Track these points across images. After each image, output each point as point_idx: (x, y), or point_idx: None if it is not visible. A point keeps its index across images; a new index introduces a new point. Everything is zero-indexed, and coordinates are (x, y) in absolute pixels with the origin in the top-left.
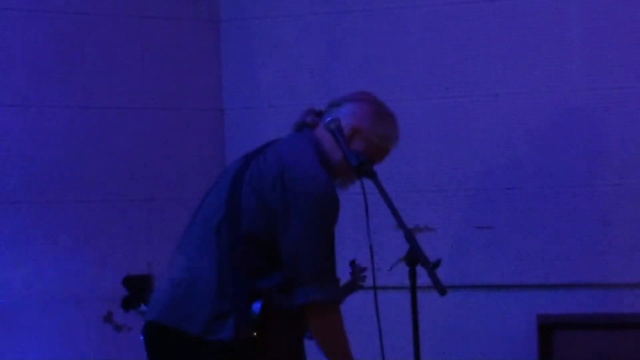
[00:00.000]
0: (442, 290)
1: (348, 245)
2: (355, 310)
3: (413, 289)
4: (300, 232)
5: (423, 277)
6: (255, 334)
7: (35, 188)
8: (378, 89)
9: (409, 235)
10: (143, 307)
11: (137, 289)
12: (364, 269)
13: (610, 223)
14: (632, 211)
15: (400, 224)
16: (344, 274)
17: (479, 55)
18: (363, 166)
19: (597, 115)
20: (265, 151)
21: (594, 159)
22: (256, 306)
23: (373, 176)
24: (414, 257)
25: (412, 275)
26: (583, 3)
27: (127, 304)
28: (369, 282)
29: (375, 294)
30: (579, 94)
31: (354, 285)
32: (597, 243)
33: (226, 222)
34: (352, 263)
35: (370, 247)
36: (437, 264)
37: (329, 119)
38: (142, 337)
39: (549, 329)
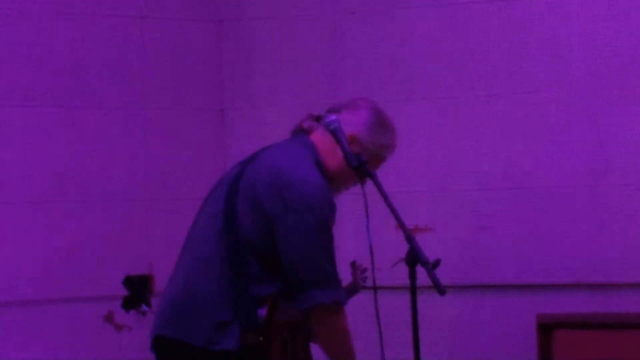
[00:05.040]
0: (442, 290)
1: (348, 245)
2: (355, 310)
3: (413, 289)
4: (299, 237)
5: (423, 277)
6: (261, 339)
7: (35, 188)
8: (378, 89)
9: (409, 235)
10: (143, 307)
11: (137, 289)
12: (365, 270)
13: (609, 223)
14: (632, 211)
15: (400, 224)
16: (344, 276)
17: (479, 55)
18: (363, 166)
19: (598, 115)
20: (259, 157)
21: (594, 159)
22: (262, 312)
23: (373, 176)
24: (414, 257)
25: (412, 275)
26: (583, 3)
27: (128, 304)
28: (369, 282)
29: (375, 294)
30: (579, 94)
31: (356, 286)
32: (596, 243)
33: (224, 232)
34: (353, 264)
35: (370, 247)
36: (437, 264)
37: (329, 119)
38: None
39: (549, 329)
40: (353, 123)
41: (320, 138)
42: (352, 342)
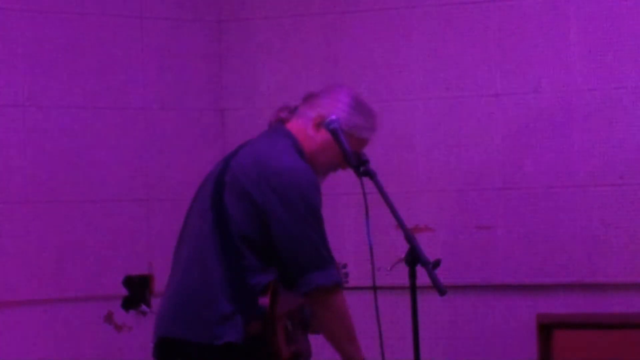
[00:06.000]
0: (442, 290)
1: (348, 245)
2: (355, 310)
3: (413, 289)
4: (291, 223)
5: (423, 277)
6: (263, 328)
7: (35, 188)
8: (378, 89)
9: (409, 235)
10: (143, 307)
11: (137, 289)
12: (345, 266)
13: (610, 223)
14: (632, 211)
15: (400, 224)
16: None
17: (479, 55)
18: (364, 166)
19: (597, 115)
20: (241, 151)
21: (594, 159)
22: (263, 301)
23: (373, 176)
24: (414, 257)
25: (412, 275)
26: (583, 3)
27: (127, 304)
28: (369, 282)
29: (375, 294)
30: (579, 94)
31: None
32: (597, 243)
33: (215, 228)
34: None
35: (370, 247)
36: (437, 264)
37: (330, 119)
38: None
39: (549, 329)
40: (329, 106)
41: (296, 126)
42: (352, 323)
